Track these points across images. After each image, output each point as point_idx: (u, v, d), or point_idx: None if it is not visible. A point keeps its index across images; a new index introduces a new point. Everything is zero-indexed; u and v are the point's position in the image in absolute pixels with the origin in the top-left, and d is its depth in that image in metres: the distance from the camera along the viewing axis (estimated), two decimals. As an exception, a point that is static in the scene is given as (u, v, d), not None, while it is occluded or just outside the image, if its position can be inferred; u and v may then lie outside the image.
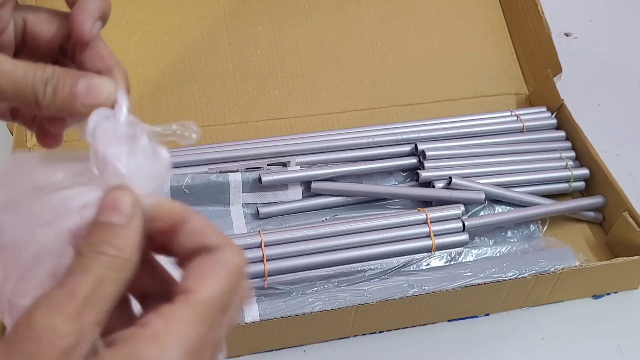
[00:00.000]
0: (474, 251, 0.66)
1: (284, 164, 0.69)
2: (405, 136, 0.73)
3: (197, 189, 0.66)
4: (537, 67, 0.82)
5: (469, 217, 0.68)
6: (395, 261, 0.63)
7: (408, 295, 0.60)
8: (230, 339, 0.58)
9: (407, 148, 0.73)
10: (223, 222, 0.66)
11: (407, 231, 0.64)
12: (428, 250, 0.64)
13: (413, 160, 0.72)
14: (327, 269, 0.62)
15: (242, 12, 0.80)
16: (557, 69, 0.78)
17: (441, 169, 0.71)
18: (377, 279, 0.62)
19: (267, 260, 0.60)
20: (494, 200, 0.71)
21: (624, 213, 0.68)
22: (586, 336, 0.65)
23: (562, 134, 0.77)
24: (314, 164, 0.70)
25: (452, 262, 0.65)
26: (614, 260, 0.64)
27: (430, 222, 0.65)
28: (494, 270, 0.63)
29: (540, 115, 0.78)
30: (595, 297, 0.68)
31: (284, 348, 0.61)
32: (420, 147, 0.72)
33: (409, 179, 0.73)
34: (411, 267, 0.64)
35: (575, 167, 0.74)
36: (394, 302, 0.59)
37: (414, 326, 0.64)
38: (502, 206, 0.71)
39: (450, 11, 0.85)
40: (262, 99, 0.76)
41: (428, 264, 0.64)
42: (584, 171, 0.74)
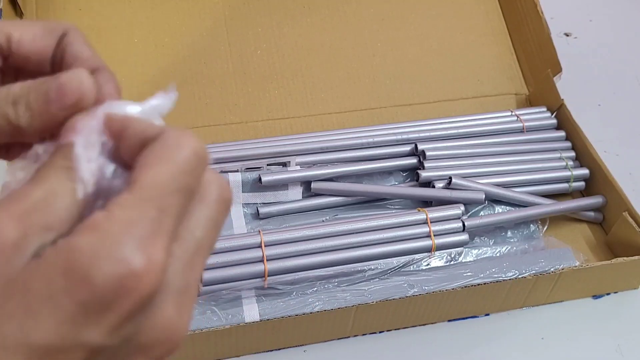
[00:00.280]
0: (474, 251, 0.66)
1: (284, 164, 0.69)
2: (405, 136, 0.73)
3: (197, 189, 0.66)
4: (537, 67, 0.82)
5: (469, 217, 0.68)
6: (395, 261, 0.63)
7: (408, 295, 0.60)
8: (230, 339, 0.58)
9: (407, 148, 0.73)
10: (223, 222, 0.66)
11: (407, 231, 0.64)
12: (428, 250, 0.64)
13: (413, 160, 0.72)
14: (327, 269, 0.62)
15: (242, 13, 0.80)
16: (557, 69, 0.78)
17: (441, 169, 0.71)
18: (377, 279, 0.62)
19: (267, 260, 0.60)
20: (494, 200, 0.71)
21: (624, 213, 0.68)
22: (586, 336, 0.65)
23: (562, 134, 0.77)
24: (314, 164, 0.70)
25: (452, 262, 0.65)
26: (614, 260, 0.64)
27: (430, 222, 0.65)
28: (494, 270, 0.63)
29: (540, 115, 0.78)
30: (595, 297, 0.68)
31: (284, 348, 0.61)
32: (420, 147, 0.72)
33: (409, 179, 0.73)
34: (411, 267, 0.64)
35: (575, 167, 0.74)
36: (394, 302, 0.59)
37: (414, 326, 0.64)
38: (502, 206, 0.71)
39: (450, 12, 0.85)
40: (262, 99, 0.76)
41: (428, 264, 0.64)
42: (584, 171, 0.74)
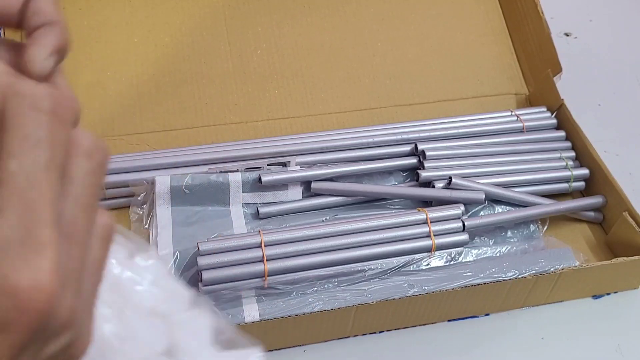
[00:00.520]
0: (474, 251, 0.66)
1: (284, 164, 0.69)
2: (405, 136, 0.73)
3: (197, 188, 0.66)
4: (536, 67, 0.82)
5: (469, 217, 0.68)
6: (395, 261, 0.63)
7: (408, 295, 0.60)
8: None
9: (407, 148, 0.73)
10: (223, 222, 0.66)
11: (407, 231, 0.64)
12: (428, 250, 0.64)
13: (413, 160, 0.72)
14: (327, 269, 0.61)
15: (242, 12, 0.80)
16: (557, 69, 0.78)
17: (441, 169, 0.71)
18: (377, 279, 0.62)
19: (267, 260, 0.60)
20: (494, 200, 0.71)
21: (624, 213, 0.68)
22: (586, 336, 0.65)
23: (562, 134, 0.77)
24: (314, 164, 0.70)
25: (452, 262, 0.65)
26: (614, 260, 0.64)
27: (430, 222, 0.65)
28: (494, 270, 0.63)
29: (540, 115, 0.78)
30: (595, 297, 0.68)
31: (284, 348, 0.61)
32: (420, 147, 0.72)
33: (409, 179, 0.73)
34: (411, 267, 0.64)
35: (575, 167, 0.74)
36: (394, 302, 0.59)
37: (414, 326, 0.64)
38: (502, 206, 0.71)
39: (450, 12, 0.85)
40: (262, 99, 0.76)
41: (428, 264, 0.64)
42: (584, 171, 0.74)
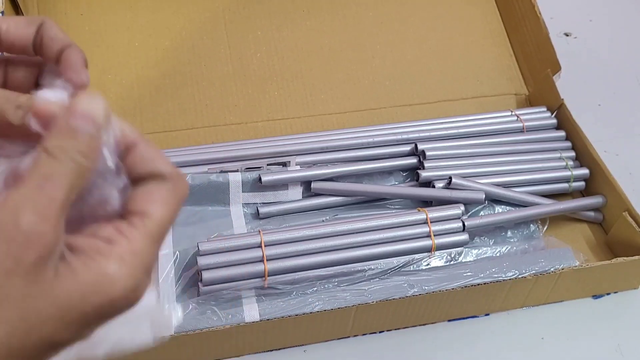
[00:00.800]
0: (474, 251, 0.66)
1: (284, 164, 0.69)
2: (405, 136, 0.73)
3: (197, 188, 0.66)
4: (536, 67, 0.82)
5: (469, 217, 0.68)
6: (395, 261, 0.63)
7: (408, 295, 0.60)
8: (230, 339, 0.58)
9: (407, 148, 0.73)
10: (223, 222, 0.66)
11: (407, 231, 0.64)
12: (428, 250, 0.64)
13: (413, 160, 0.72)
14: (327, 269, 0.62)
15: (242, 17, 0.80)
16: (556, 68, 0.78)
17: (441, 169, 0.71)
18: (377, 279, 0.62)
19: (267, 260, 0.60)
20: (494, 200, 0.71)
21: (624, 213, 0.68)
22: (586, 336, 0.65)
23: (562, 133, 0.77)
24: (314, 164, 0.70)
25: (452, 262, 0.65)
26: (614, 260, 0.64)
27: (430, 222, 0.65)
28: (494, 270, 0.63)
29: (540, 115, 0.78)
30: (595, 297, 0.68)
31: (284, 348, 0.61)
32: (420, 147, 0.72)
33: (409, 179, 0.73)
34: (411, 267, 0.64)
35: (575, 167, 0.74)
36: (394, 302, 0.59)
37: (414, 326, 0.64)
38: (502, 206, 0.71)
39: (447, 15, 0.86)
40: (262, 101, 0.76)
41: (428, 264, 0.64)
42: (584, 171, 0.74)
